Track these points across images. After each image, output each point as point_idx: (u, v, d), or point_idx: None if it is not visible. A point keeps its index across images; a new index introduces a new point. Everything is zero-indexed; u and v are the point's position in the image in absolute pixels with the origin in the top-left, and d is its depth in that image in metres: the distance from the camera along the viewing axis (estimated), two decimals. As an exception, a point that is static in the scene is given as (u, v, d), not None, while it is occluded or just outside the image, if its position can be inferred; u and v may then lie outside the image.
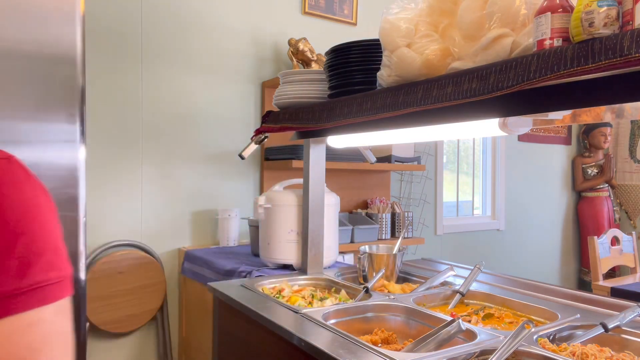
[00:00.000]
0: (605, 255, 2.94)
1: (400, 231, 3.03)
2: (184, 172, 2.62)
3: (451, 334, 1.09)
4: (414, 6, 1.16)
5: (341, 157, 2.66)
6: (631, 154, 4.71)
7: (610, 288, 2.46)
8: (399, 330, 1.35)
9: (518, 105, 0.95)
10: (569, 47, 0.79)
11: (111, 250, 2.40)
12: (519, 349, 1.03)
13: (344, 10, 3.17)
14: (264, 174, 2.83)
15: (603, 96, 0.82)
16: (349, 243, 2.70)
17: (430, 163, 3.67)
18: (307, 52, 2.74)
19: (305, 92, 1.61)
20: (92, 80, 2.32)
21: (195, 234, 2.67)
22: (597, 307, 1.39)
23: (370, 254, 1.72)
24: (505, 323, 1.35)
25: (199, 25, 2.65)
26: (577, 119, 1.22)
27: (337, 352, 1.05)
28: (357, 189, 3.17)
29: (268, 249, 1.95)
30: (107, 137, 2.40)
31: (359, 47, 1.39)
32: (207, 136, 2.69)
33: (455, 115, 1.08)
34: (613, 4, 0.75)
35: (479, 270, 1.63)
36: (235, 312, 1.51)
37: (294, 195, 1.91)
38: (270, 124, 1.73)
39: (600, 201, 4.53)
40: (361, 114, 1.27)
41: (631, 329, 1.18)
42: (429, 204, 3.69)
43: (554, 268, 4.57)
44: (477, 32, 0.98)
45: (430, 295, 1.54)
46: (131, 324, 2.42)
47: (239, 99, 2.79)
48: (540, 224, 4.48)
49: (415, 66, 1.11)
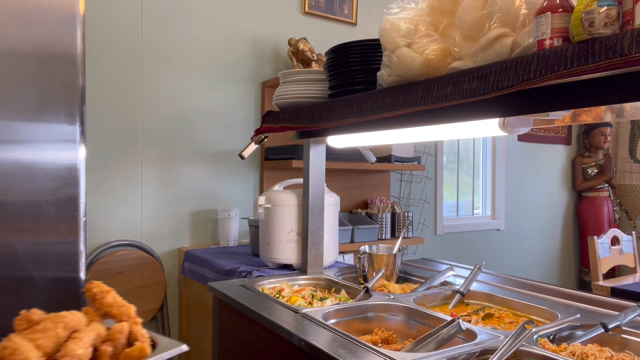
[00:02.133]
0: (605, 255, 2.94)
1: (400, 231, 3.03)
2: (184, 172, 2.62)
3: (451, 334, 1.09)
4: (414, 6, 1.16)
5: (341, 157, 2.66)
6: (631, 154, 4.71)
7: (610, 288, 2.46)
8: (399, 330, 1.35)
9: (518, 105, 0.95)
10: (569, 47, 0.79)
11: (111, 250, 2.40)
12: (519, 349, 1.03)
13: (344, 10, 3.17)
14: (264, 174, 2.83)
15: (603, 96, 0.82)
16: (349, 243, 2.70)
17: (430, 163, 3.67)
18: (307, 52, 2.74)
19: (305, 92, 1.61)
20: (92, 80, 2.32)
21: (195, 234, 2.67)
22: (597, 307, 1.39)
23: (370, 254, 1.72)
24: (505, 323, 1.35)
25: (199, 25, 2.65)
26: (577, 119, 1.22)
27: (337, 352, 1.05)
28: (357, 189, 3.17)
29: (268, 249, 1.95)
30: (107, 137, 2.40)
31: (359, 47, 1.39)
32: (207, 136, 2.69)
33: (455, 115, 1.08)
34: (613, 4, 0.75)
35: (479, 270, 1.63)
36: (235, 312, 1.51)
37: (294, 195, 1.91)
38: (270, 124, 1.73)
39: (600, 201, 4.53)
40: (361, 114, 1.27)
41: (631, 329, 1.18)
42: (429, 204, 3.69)
43: (554, 268, 4.57)
44: (477, 32, 0.98)
45: (430, 295, 1.54)
46: (131, 324, 2.42)
47: (239, 99, 2.79)
48: (541, 224, 4.48)
49: (415, 66, 1.11)
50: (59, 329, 0.61)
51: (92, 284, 0.68)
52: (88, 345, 0.59)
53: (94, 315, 0.68)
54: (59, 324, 0.61)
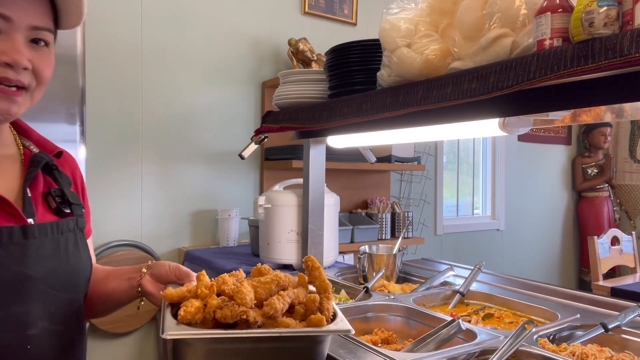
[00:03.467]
0: (605, 255, 2.94)
1: (400, 231, 3.03)
2: (184, 172, 2.62)
3: (451, 334, 1.09)
4: (414, 6, 1.16)
5: (341, 157, 2.66)
6: (631, 154, 4.71)
7: (610, 288, 2.46)
8: (399, 330, 1.35)
9: (518, 105, 0.95)
10: (569, 47, 0.79)
11: (111, 250, 2.40)
12: (519, 349, 1.03)
13: (344, 10, 3.17)
14: (264, 174, 2.83)
15: (603, 96, 0.82)
16: (349, 243, 2.70)
17: (430, 163, 3.67)
18: (307, 52, 2.74)
19: (305, 92, 1.61)
20: (92, 80, 2.32)
21: (195, 234, 2.67)
22: (597, 307, 1.39)
23: (370, 254, 1.72)
24: (505, 323, 1.35)
25: (199, 24, 2.65)
26: (577, 119, 1.22)
27: (337, 352, 1.05)
28: (357, 189, 3.17)
29: (268, 249, 1.95)
30: (107, 137, 2.40)
31: (358, 47, 1.39)
32: (207, 136, 2.69)
33: (455, 115, 1.08)
34: (613, 4, 0.75)
35: (479, 270, 1.63)
36: (235, 312, 1.51)
37: (294, 195, 1.91)
38: (270, 124, 1.73)
39: (600, 201, 4.53)
40: (361, 114, 1.27)
41: (631, 329, 1.18)
42: (429, 204, 3.69)
43: (554, 268, 4.57)
44: (477, 32, 0.98)
45: (430, 295, 1.54)
46: (131, 325, 2.42)
47: (239, 99, 2.79)
48: (541, 224, 4.48)
49: (415, 66, 1.11)
50: (273, 284, 0.81)
51: (309, 259, 0.87)
52: (286, 302, 0.78)
53: (303, 280, 0.87)
54: (275, 281, 0.82)
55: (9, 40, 0.75)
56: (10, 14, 0.75)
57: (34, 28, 0.78)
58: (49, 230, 0.82)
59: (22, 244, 0.77)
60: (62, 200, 0.87)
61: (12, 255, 0.76)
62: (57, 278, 0.82)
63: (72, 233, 0.87)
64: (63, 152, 0.95)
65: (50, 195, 0.86)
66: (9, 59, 0.75)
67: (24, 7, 0.77)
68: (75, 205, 0.89)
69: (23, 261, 0.77)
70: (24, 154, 0.89)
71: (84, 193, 0.99)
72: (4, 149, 0.86)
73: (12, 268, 0.76)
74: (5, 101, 0.77)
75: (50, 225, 0.83)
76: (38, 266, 0.79)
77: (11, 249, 0.76)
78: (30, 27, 0.78)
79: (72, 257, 0.86)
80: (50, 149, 0.92)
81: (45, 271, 0.80)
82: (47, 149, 0.92)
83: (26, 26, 0.77)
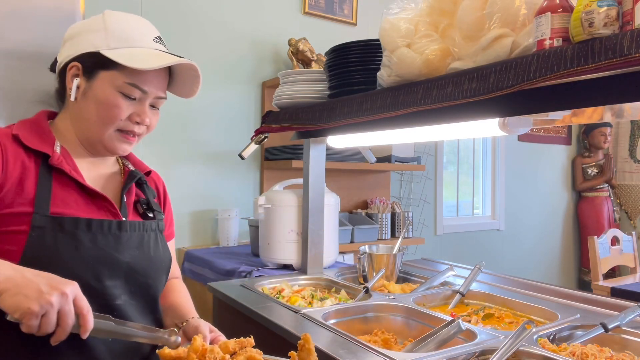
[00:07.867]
0: (605, 255, 2.94)
1: (400, 231, 3.03)
2: (184, 172, 2.62)
3: (451, 334, 1.09)
4: (414, 6, 1.16)
5: (341, 157, 2.66)
6: (631, 154, 4.71)
7: (610, 288, 2.46)
8: (399, 331, 1.35)
9: (518, 105, 0.95)
10: (569, 47, 0.79)
11: (111, 250, 2.39)
12: (519, 349, 1.03)
13: (344, 10, 3.17)
14: (264, 174, 2.83)
15: (603, 96, 0.82)
16: (349, 243, 2.70)
17: (430, 163, 3.67)
18: (307, 52, 2.74)
19: (305, 92, 1.61)
20: (92, 80, 2.31)
21: (195, 234, 2.67)
22: (597, 307, 1.39)
23: (370, 254, 1.72)
24: (505, 323, 1.35)
25: (198, 24, 2.65)
26: (577, 119, 1.22)
27: (337, 352, 1.05)
28: (357, 189, 3.17)
29: (268, 249, 1.95)
30: (107, 137, 2.40)
31: (358, 47, 1.39)
32: (207, 136, 2.69)
33: (455, 115, 1.08)
34: (613, 4, 0.75)
35: (479, 270, 1.63)
36: (235, 312, 1.51)
37: (294, 195, 1.91)
38: (270, 124, 1.73)
39: (600, 201, 4.53)
40: (361, 114, 1.27)
41: (631, 329, 1.18)
42: (429, 204, 3.69)
43: (554, 268, 4.57)
44: (477, 32, 0.98)
45: (430, 295, 1.54)
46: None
47: (239, 99, 2.79)
48: (541, 223, 4.48)
49: (415, 66, 1.11)
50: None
51: (306, 339, 0.90)
52: None
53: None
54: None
55: (141, 106, 1.05)
56: (148, 89, 1.04)
57: (157, 97, 1.09)
58: (137, 227, 1.05)
59: (117, 235, 1.01)
60: (147, 207, 1.12)
61: (109, 242, 0.99)
62: (139, 265, 1.04)
63: (153, 232, 1.10)
64: (151, 172, 1.22)
65: (139, 203, 1.12)
66: (139, 119, 1.05)
67: (156, 83, 1.06)
68: (157, 212, 1.15)
69: (117, 248, 1.00)
70: (124, 170, 1.16)
71: (167, 203, 1.26)
72: (112, 167, 1.15)
73: (109, 252, 0.99)
74: (126, 144, 1.07)
75: (138, 224, 1.06)
76: (127, 253, 1.02)
77: (109, 237, 0.99)
78: (156, 97, 1.08)
79: (152, 250, 1.08)
80: (142, 169, 1.19)
81: (131, 258, 1.02)
82: (140, 168, 1.19)
83: (154, 96, 1.07)
